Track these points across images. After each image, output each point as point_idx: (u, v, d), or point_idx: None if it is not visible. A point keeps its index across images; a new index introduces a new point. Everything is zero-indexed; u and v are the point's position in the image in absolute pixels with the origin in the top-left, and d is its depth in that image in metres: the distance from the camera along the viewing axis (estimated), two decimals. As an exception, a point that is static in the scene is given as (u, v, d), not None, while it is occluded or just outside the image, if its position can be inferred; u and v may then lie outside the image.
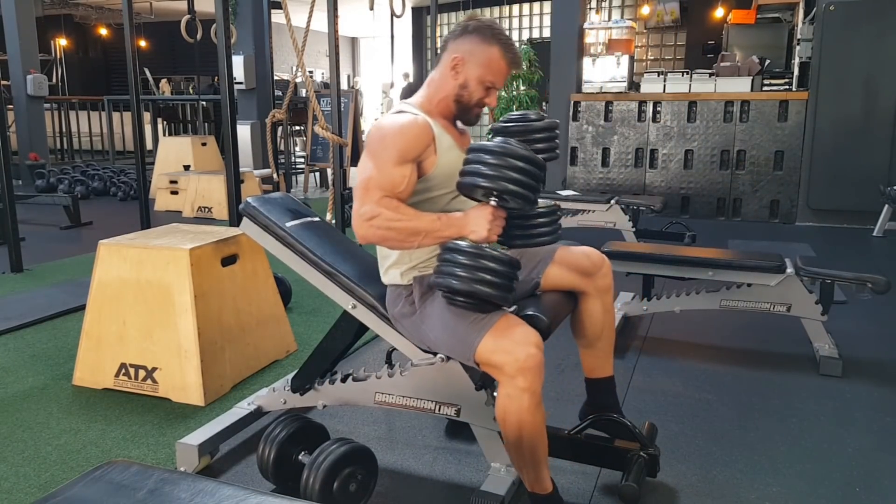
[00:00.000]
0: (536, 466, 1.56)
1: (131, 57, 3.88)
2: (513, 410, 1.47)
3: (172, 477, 0.97)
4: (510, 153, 1.48)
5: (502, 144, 1.50)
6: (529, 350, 1.47)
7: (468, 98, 1.70)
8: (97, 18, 14.84)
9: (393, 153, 1.59)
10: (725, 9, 8.45)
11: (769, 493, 1.86)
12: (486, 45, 1.67)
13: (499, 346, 1.49)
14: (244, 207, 1.94)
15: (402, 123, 1.64)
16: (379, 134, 1.63)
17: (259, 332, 2.67)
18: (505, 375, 1.47)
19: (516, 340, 1.48)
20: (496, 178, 1.47)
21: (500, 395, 1.51)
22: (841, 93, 5.69)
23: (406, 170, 1.60)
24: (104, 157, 10.40)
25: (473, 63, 1.67)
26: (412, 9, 10.96)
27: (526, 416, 1.47)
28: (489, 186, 1.48)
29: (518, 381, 1.45)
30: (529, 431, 1.49)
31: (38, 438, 2.15)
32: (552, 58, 6.87)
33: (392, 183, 1.59)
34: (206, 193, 6.35)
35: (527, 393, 1.46)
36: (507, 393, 1.48)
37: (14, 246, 4.16)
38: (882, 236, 5.38)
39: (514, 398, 1.47)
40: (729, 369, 2.74)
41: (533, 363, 1.46)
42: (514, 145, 1.50)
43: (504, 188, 1.48)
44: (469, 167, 1.52)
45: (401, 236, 1.58)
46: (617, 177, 6.55)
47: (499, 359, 1.48)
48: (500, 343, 1.49)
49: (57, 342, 2.98)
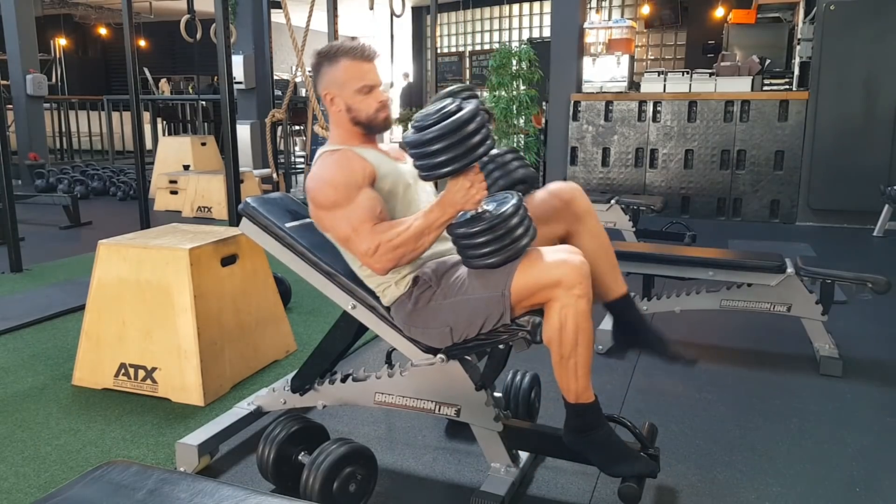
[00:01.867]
0: (586, 376, 1.59)
1: (131, 57, 3.88)
2: (571, 317, 1.52)
3: (172, 477, 0.97)
4: (445, 130, 1.49)
5: (430, 127, 1.51)
6: (580, 258, 1.56)
7: (361, 113, 1.78)
8: (97, 18, 14.83)
9: (349, 188, 1.66)
10: (726, 8, 8.45)
11: (769, 493, 1.86)
12: (333, 65, 1.77)
13: (549, 264, 1.55)
14: (244, 207, 1.94)
15: (334, 160, 1.72)
16: (322, 185, 1.70)
17: (259, 332, 2.67)
18: (562, 288, 1.52)
19: (565, 254, 1.57)
20: (452, 160, 1.49)
21: (552, 310, 1.54)
22: (841, 93, 5.69)
23: (370, 192, 1.68)
24: (104, 156, 10.41)
25: (338, 86, 1.77)
26: (412, 8, 10.96)
27: (583, 321, 1.54)
28: (451, 169, 1.51)
29: (576, 290, 1.51)
30: (586, 336, 1.55)
31: (38, 438, 2.14)
32: (552, 57, 6.87)
33: (370, 210, 1.65)
34: (205, 193, 6.35)
35: (583, 298, 1.53)
36: (564, 304, 1.52)
37: (14, 246, 4.16)
38: (882, 236, 5.38)
39: (571, 306, 1.52)
40: (729, 369, 2.74)
41: (587, 269, 1.54)
42: (437, 118, 1.51)
43: (462, 162, 1.50)
44: (422, 162, 1.54)
45: (410, 246, 1.60)
46: (617, 176, 6.55)
47: (554, 273, 1.53)
48: (549, 261, 1.55)
49: (56, 342, 2.98)
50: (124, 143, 10.77)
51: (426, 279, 1.69)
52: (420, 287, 1.69)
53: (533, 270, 1.56)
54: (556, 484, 1.89)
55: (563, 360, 1.57)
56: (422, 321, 1.69)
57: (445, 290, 1.66)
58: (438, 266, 1.71)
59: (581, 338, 1.54)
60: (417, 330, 1.71)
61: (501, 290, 1.57)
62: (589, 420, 1.62)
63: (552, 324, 1.55)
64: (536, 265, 1.56)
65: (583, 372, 1.58)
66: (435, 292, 1.67)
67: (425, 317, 1.68)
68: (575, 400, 1.60)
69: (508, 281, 1.57)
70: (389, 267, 1.63)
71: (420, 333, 1.71)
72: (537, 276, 1.55)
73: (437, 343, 1.70)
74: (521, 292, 1.57)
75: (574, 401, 1.61)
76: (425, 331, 1.70)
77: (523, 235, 1.56)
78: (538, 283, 1.55)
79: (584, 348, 1.56)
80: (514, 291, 1.56)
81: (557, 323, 1.54)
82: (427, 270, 1.70)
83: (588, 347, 1.57)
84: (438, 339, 1.69)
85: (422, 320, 1.69)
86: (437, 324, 1.67)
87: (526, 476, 1.90)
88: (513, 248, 1.55)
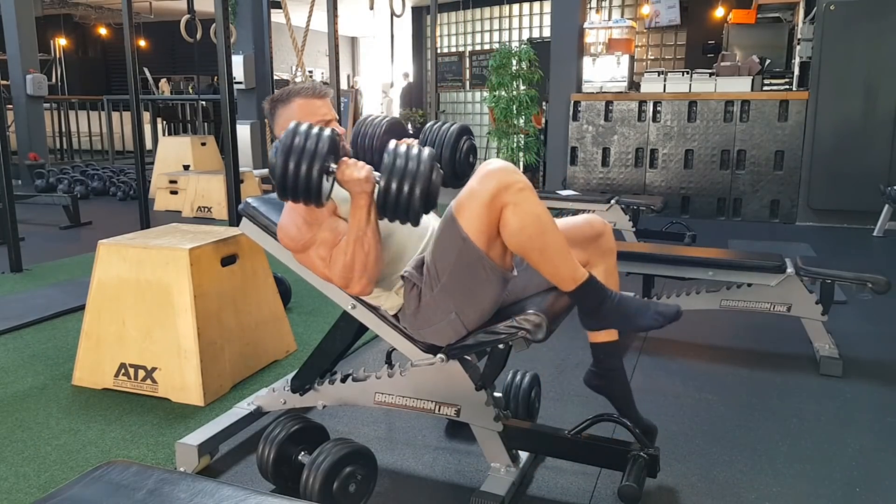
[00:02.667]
0: (567, 255, 1.60)
1: (131, 57, 3.87)
2: (525, 211, 1.53)
3: (172, 477, 0.97)
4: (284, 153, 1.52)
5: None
6: (502, 162, 1.58)
7: None
8: (97, 18, 14.83)
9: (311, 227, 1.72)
10: (726, 8, 8.45)
11: (769, 493, 1.86)
12: (287, 107, 1.84)
13: (479, 185, 1.55)
14: (244, 208, 1.94)
15: (291, 206, 1.74)
16: (287, 231, 1.75)
17: (259, 332, 2.67)
18: (503, 192, 1.52)
19: (484, 169, 1.57)
20: (311, 170, 1.51)
21: (506, 217, 1.54)
22: (841, 93, 5.69)
23: (331, 223, 1.72)
24: (104, 156, 10.41)
25: None
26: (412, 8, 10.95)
27: (537, 207, 1.55)
28: (314, 174, 1.52)
29: (515, 185, 1.53)
30: (547, 219, 1.57)
31: (38, 438, 2.14)
32: (552, 58, 6.87)
33: (333, 242, 1.70)
34: (205, 193, 6.35)
35: (526, 189, 1.54)
36: (513, 202, 1.53)
37: (13, 246, 4.16)
38: (882, 236, 5.38)
39: (520, 203, 1.53)
40: (729, 369, 2.74)
41: (511, 165, 1.57)
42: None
43: (322, 165, 1.52)
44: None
45: (362, 250, 1.62)
46: (617, 176, 6.55)
47: (487, 187, 1.53)
48: (479, 182, 1.56)
49: (56, 342, 2.98)
50: (124, 143, 10.78)
51: (409, 277, 1.69)
52: (407, 287, 1.70)
53: (470, 202, 1.55)
54: (556, 484, 1.89)
55: (541, 252, 1.58)
56: (426, 320, 1.69)
57: (428, 281, 1.66)
58: (416, 262, 1.71)
59: (544, 221, 1.56)
60: (429, 331, 1.71)
61: (460, 237, 1.57)
62: (594, 295, 1.64)
63: (512, 228, 1.54)
64: (469, 195, 1.56)
65: (563, 254, 1.59)
66: (421, 289, 1.67)
67: (427, 314, 1.68)
68: (573, 284, 1.62)
69: (457, 227, 1.56)
70: (365, 283, 1.66)
71: (432, 334, 1.71)
72: (476, 204, 1.54)
73: (453, 336, 1.69)
74: (475, 226, 1.55)
75: (573, 286, 1.62)
76: (436, 328, 1.69)
77: (419, 163, 1.53)
78: (481, 207, 1.54)
79: (552, 231, 1.57)
80: (469, 230, 1.56)
81: (517, 224, 1.54)
82: (409, 268, 1.70)
83: (555, 228, 1.58)
84: (452, 331, 1.67)
85: (426, 320, 1.69)
86: (440, 315, 1.66)
87: (526, 476, 1.90)
88: (420, 175, 1.52)
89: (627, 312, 1.66)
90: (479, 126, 10.17)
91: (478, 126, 10.27)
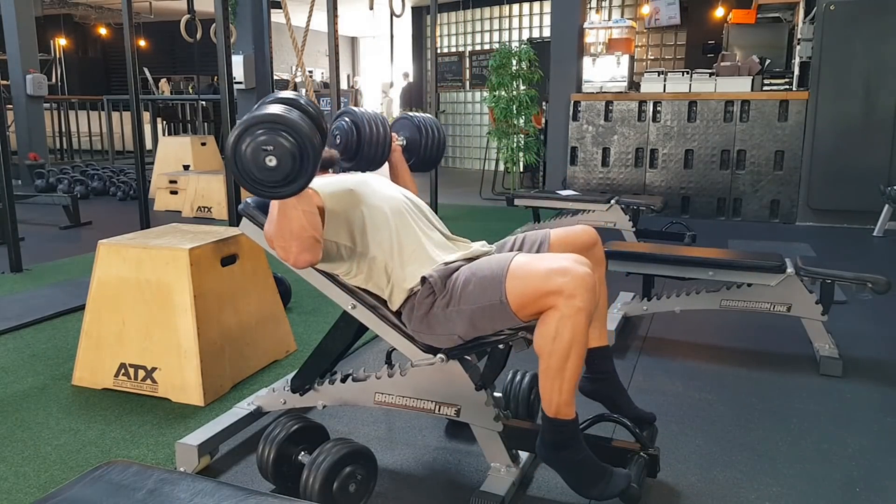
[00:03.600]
0: (570, 392, 1.56)
1: (131, 57, 3.88)
2: (568, 328, 1.49)
3: (172, 477, 0.97)
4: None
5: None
6: (585, 268, 1.51)
7: None
8: (97, 18, 14.83)
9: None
10: (725, 8, 8.45)
11: (769, 493, 1.86)
12: None
13: (550, 271, 1.51)
14: (244, 208, 1.94)
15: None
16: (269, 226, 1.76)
17: (259, 331, 2.67)
18: (562, 297, 1.48)
19: (570, 262, 1.52)
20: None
21: (550, 318, 1.50)
22: (841, 93, 5.69)
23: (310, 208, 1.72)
24: (104, 156, 10.41)
25: None
26: (412, 8, 10.95)
27: (579, 334, 1.50)
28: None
29: (577, 301, 1.48)
30: (578, 351, 1.52)
31: (38, 438, 2.14)
32: (552, 58, 6.87)
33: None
34: (205, 193, 6.34)
35: (583, 312, 1.49)
36: (564, 314, 1.48)
37: (13, 246, 4.16)
38: (882, 236, 5.38)
39: (570, 318, 1.48)
40: (729, 369, 2.74)
41: (591, 281, 1.50)
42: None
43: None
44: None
45: (284, 224, 1.63)
46: (617, 176, 6.55)
47: (555, 282, 1.49)
48: (551, 267, 1.51)
49: (56, 342, 2.98)
50: (124, 143, 10.78)
51: (433, 282, 1.67)
52: (425, 291, 1.69)
53: (532, 278, 1.53)
54: (556, 484, 1.89)
55: (549, 370, 1.53)
56: (429, 327, 1.70)
57: (447, 297, 1.65)
58: (443, 272, 1.69)
59: (574, 351, 1.50)
60: (428, 336, 1.72)
61: (499, 298, 1.55)
62: (566, 437, 1.58)
63: (546, 331, 1.51)
64: (536, 272, 1.53)
65: (568, 387, 1.54)
66: (436, 300, 1.67)
67: (432, 323, 1.69)
68: (554, 414, 1.57)
69: (502, 288, 1.55)
70: (294, 252, 1.64)
71: (430, 338, 1.72)
72: (537, 284, 1.51)
73: (444, 345, 1.71)
74: (519, 299, 1.54)
75: (553, 415, 1.57)
76: (436, 337, 1.71)
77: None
78: (537, 291, 1.51)
79: (575, 363, 1.52)
80: (512, 298, 1.54)
81: (553, 331, 1.50)
82: (434, 274, 1.68)
83: (578, 363, 1.53)
84: (450, 343, 1.70)
85: (429, 326, 1.70)
86: (444, 330, 1.67)
87: (526, 476, 1.90)
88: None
89: (586, 475, 1.58)
90: (479, 126, 10.17)
91: (478, 126, 10.27)
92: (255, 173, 1.50)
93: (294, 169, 1.50)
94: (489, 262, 1.64)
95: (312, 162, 1.52)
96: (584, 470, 1.58)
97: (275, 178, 1.51)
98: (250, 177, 1.51)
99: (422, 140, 2.27)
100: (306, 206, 1.64)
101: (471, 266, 1.67)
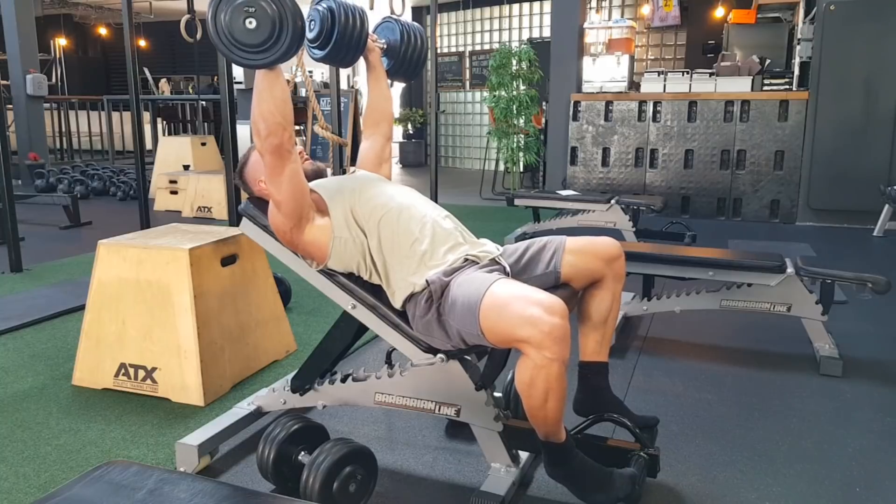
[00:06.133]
0: (556, 423, 1.57)
1: (131, 57, 3.87)
2: (542, 378, 1.46)
3: (172, 477, 0.97)
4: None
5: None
6: (556, 319, 1.44)
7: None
8: (97, 18, 14.82)
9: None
10: (726, 8, 8.45)
11: (769, 493, 1.86)
12: (249, 166, 1.95)
13: (518, 319, 1.46)
14: (244, 208, 1.94)
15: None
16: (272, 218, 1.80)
17: (258, 332, 2.67)
18: (532, 347, 1.46)
19: (540, 310, 1.45)
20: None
21: (524, 364, 1.48)
22: (841, 93, 5.69)
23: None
24: (104, 156, 10.40)
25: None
26: (412, 8, 10.95)
27: (554, 382, 1.47)
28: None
29: (546, 353, 1.44)
30: (556, 395, 1.49)
31: (38, 438, 2.14)
32: (552, 58, 6.87)
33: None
34: (205, 193, 6.34)
35: (556, 362, 1.45)
36: (536, 363, 1.46)
37: (13, 246, 4.16)
38: (882, 236, 5.38)
39: (543, 368, 1.45)
40: (729, 369, 2.74)
41: (561, 332, 1.44)
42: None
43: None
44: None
45: (264, 103, 1.62)
46: (617, 176, 6.55)
47: (522, 332, 1.45)
48: (520, 315, 1.46)
49: (56, 342, 2.98)
50: (124, 143, 10.77)
51: (433, 290, 1.67)
52: (425, 294, 1.69)
53: (503, 319, 1.49)
54: (556, 484, 1.88)
55: (531, 408, 1.54)
56: (427, 329, 1.71)
57: (441, 308, 1.66)
58: (442, 282, 1.67)
59: (551, 395, 1.49)
60: (426, 337, 1.73)
61: (476, 330, 1.55)
62: (560, 457, 1.61)
63: (522, 377, 1.50)
64: (508, 315, 1.49)
65: (553, 417, 1.54)
66: (431, 307, 1.67)
67: (428, 326, 1.70)
68: (545, 439, 1.60)
69: (476, 320, 1.53)
70: (263, 132, 1.63)
71: (427, 338, 1.73)
72: (506, 328, 1.49)
73: (443, 347, 1.71)
74: (492, 335, 1.53)
75: (544, 439, 1.60)
76: (433, 340, 1.71)
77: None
78: (508, 335, 1.50)
79: (554, 403, 1.50)
80: (486, 332, 1.53)
81: (528, 379, 1.48)
82: (435, 278, 1.68)
83: (559, 402, 1.51)
84: (445, 345, 1.70)
85: (427, 328, 1.70)
86: (440, 335, 1.69)
87: (526, 476, 1.90)
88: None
89: (587, 484, 1.60)
90: (479, 126, 10.17)
91: (478, 126, 10.27)
92: (235, 35, 1.54)
93: (273, 34, 1.53)
94: (471, 284, 1.61)
95: (290, 35, 1.54)
96: (585, 481, 1.61)
97: (252, 42, 1.53)
98: (228, 39, 1.54)
99: (401, 46, 2.18)
100: (279, 93, 1.64)
101: (460, 282, 1.64)
